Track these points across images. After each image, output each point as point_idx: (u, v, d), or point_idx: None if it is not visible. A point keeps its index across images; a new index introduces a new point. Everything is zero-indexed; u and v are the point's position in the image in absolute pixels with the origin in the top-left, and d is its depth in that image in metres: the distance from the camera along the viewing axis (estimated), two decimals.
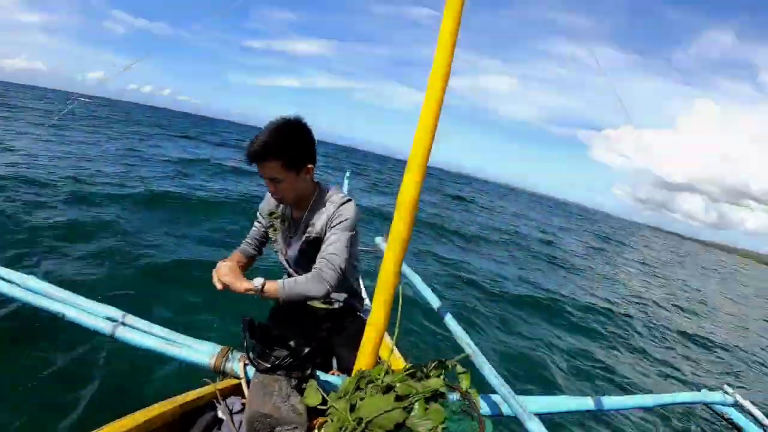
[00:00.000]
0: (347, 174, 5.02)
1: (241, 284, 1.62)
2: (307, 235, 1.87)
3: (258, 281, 1.63)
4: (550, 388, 4.52)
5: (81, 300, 1.71)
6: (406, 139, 1.48)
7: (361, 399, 1.21)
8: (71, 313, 1.65)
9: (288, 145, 1.74)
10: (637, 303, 10.27)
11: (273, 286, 1.64)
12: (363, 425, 1.12)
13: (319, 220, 1.85)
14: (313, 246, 1.84)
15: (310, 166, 1.81)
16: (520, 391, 1.73)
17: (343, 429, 1.14)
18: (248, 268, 2.10)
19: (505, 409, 1.68)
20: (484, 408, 1.69)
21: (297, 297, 1.67)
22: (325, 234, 1.82)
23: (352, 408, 1.20)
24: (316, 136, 1.84)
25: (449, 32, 1.33)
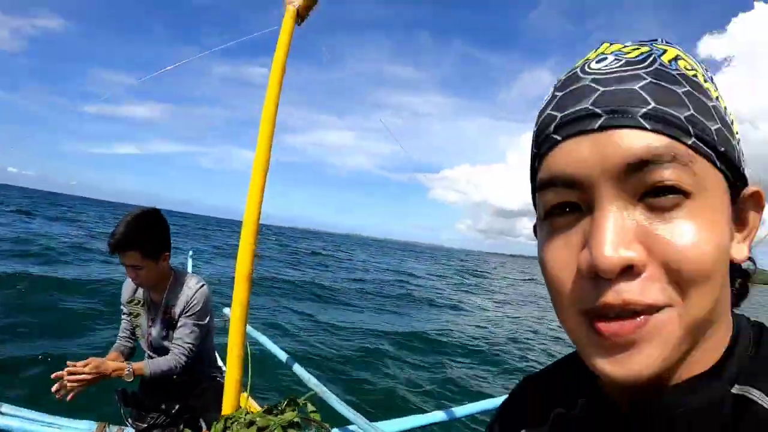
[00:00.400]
0: (190, 253, 5.21)
1: (113, 366, 1.91)
2: (169, 317, 2.14)
3: (127, 366, 1.95)
4: (403, 410, 5.13)
5: None
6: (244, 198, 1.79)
7: None
8: None
9: (146, 237, 2.00)
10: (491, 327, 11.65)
11: (140, 366, 2.00)
12: None
13: (177, 303, 2.13)
14: (173, 326, 2.16)
15: (166, 253, 2.13)
16: (375, 418, 2.20)
17: None
18: (131, 358, 2.28)
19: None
20: None
21: (159, 374, 2.02)
22: (179, 318, 2.12)
23: None
24: (158, 204, 2.19)
25: (275, 84, 1.81)
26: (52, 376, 1.79)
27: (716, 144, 0.37)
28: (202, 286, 2.18)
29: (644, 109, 0.35)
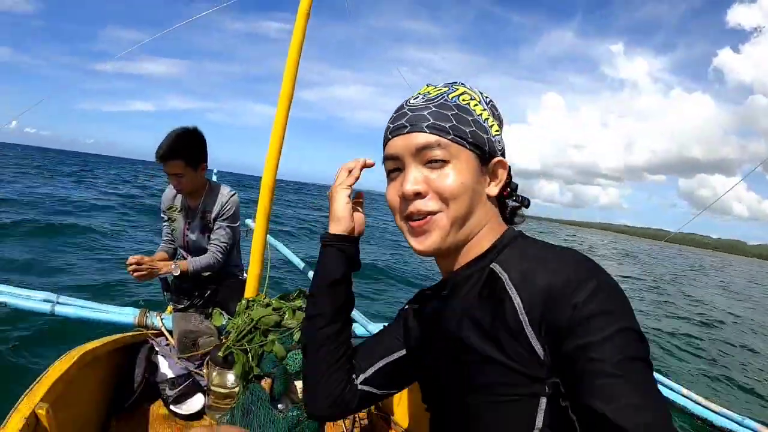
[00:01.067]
0: (215, 171, 5.66)
1: (162, 267, 2.26)
2: (205, 221, 2.45)
3: (174, 263, 2.29)
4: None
5: (18, 290, 2.18)
6: (260, 155, 2.11)
7: (251, 311, 1.94)
8: (13, 301, 2.12)
9: (187, 149, 2.31)
10: None
11: (184, 263, 2.32)
12: (253, 323, 1.86)
13: (213, 209, 2.43)
14: (209, 227, 2.47)
15: (204, 164, 2.41)
16: (377, 320, 2.54)
17: (243, 327, 1.86)
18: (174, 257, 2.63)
19: (361, 331, 2.38)
20: None
21: (200, 270, 2.36)
22: (216, 220, 2.44)
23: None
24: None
25: (297, 43, 2.00)
26: (128, 261, 2.20)
27: (467, 138, 0.75)
28: (234, 194, 2.49)
29: (426, 123, 0.75)
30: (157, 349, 2.02)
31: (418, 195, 0.75)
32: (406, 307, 0.96)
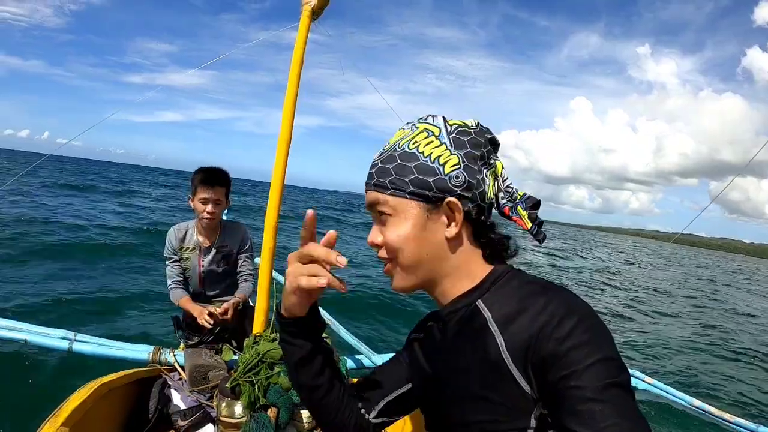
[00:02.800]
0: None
1: (228, 305, 2.38)
2: (222, 254, 2.61)
3: (234, 298, 2.47)
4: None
5: (37, 327, 2.30)
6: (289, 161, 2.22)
7: (257, 345, 2.05)
8: (32, 338, 2.24)
9: (228, 180, 2.53)
10: None
11: (242, 296, 2.54)
12: (260, 357, 1.97)
13: (232, 241, 2.63)
14: (226, 259, 2.64)
15: (230, 201, 2.61)
16: (380, 350, 2.63)
17: (250, 360, 1.97)
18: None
19: (367, 362, 2.54)
20: (349, 362, 2.51)
21: (248, 296, 2.58)
22: (238, 253, 2.65)
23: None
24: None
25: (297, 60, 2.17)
26: (208, 317, 2.32)
27: (406, 188, 0.78)
28: (247, 229, 2.74)
29: (372, 182, 0.81)
30: (170, 383, 2.12)
31: (376, 246, 0.83)
32: (412, 336, 0.99)
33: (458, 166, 0.78)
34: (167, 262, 2.61)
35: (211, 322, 2.29)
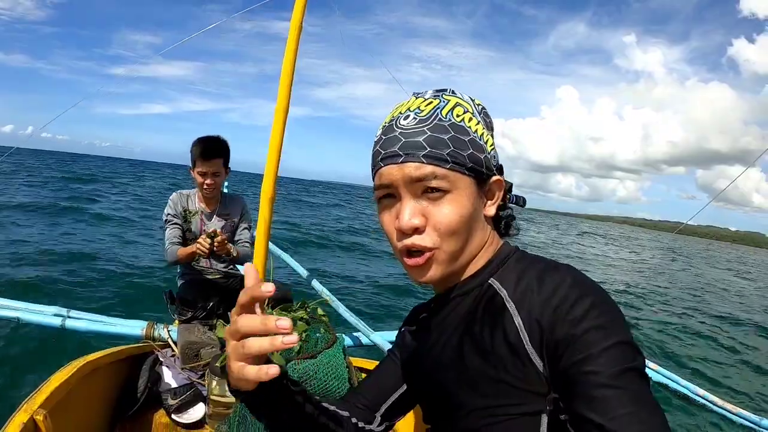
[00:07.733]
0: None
1: (222, 235, 2.36)
2: (227, 221, 2.66)
3: (231, 246, 2.46)
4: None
5: (30, 305, 2.25)
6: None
7: None
8: (25, 316, 2.20)
9: (226, 150, 2.53)
10: None
11: (238, 251, 2.52)
12: None
13: (234, 211, 2.69)
14: (228, 228, 2.66)
15: (229, 170, 2.61)
16: (378, 328, 2.56)
17: None
18: None
19: (365, 340, 2.47)
20: (347, 340, 2.42)
21: (243, 258, 2.55)
22: (240, 222, 2.70)
23: None
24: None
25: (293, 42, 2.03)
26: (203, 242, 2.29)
27: (465, 164, 0.70)
28: (247, 201, 2.81)
29: (423, 152, 0.69)
30: (161, 359, 2.06)
31: (416, 230, 0.71)
32: (403, 329, 0.95)
33: (493, 146, 0.78)
34: (167, 225, 2.58)
35: (208, 242, 2.26)
